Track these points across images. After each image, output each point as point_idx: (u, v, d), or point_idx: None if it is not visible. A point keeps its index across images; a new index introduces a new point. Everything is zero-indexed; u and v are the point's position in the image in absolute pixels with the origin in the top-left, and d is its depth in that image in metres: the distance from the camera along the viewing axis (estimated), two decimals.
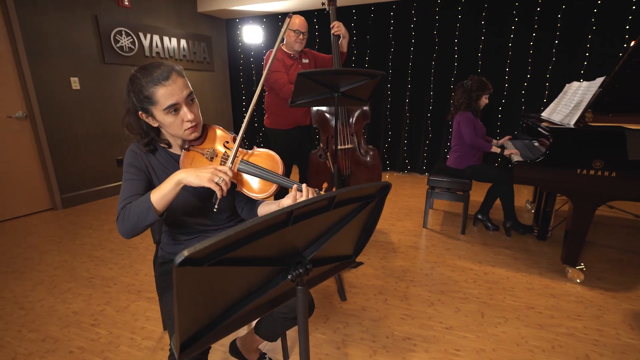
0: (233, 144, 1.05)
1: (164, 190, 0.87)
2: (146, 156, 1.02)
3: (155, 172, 1.03)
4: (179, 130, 0.97)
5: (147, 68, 0.92)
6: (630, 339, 1.50)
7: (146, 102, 0.91)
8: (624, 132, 1.65)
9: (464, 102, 2.46)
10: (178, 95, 0.92)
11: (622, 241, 2.46)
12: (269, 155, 1.06)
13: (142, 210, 0.87)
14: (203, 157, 1.02)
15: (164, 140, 1.04)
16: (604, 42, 3.34)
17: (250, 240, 0.52)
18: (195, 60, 4.33)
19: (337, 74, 1.59)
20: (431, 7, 3.81)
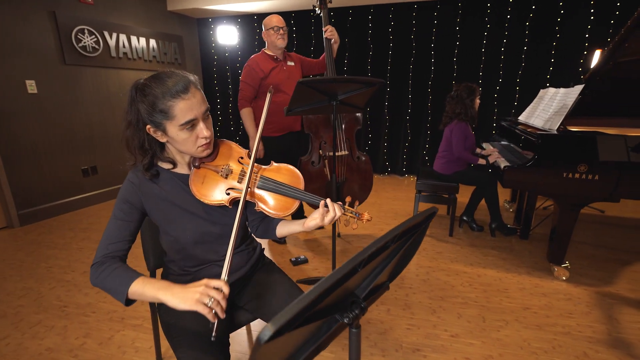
0: (248, 159, 0.97)
1: (144, 295, 0.80)
2: (146, 185, 0.90)
3: (158, 203, 0.91)
4: (192, 148, 0.87)
5: (160, 77, 0.81)
6: (619, 334, 1.59)
7: (160, 115, 0.81)
8: (604, 137, 1.75)
9: (462, 111, 2.48)
10: (197, 110, 0.83)
11: (592, 237, 2.64)
12: (289, 170, 0.99)
13: (115, 289, 0.82)
14: (217, 174, 0.93)
15: (168, 159, 0.93)
16: (566, 50, 3.57)
17: (324, 298, 0.45)
18: (166, 61, 4.08)
19: (337, 82, 1.54)
20: (408, 12, 3.88)
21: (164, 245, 1.01)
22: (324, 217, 0.93)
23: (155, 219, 0.93)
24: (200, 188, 0.91)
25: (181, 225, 0.93)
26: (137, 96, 0.82)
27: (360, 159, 2.44)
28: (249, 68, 2.21)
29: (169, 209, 0.92)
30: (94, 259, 0.85)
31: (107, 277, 0.82)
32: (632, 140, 1.75)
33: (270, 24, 2.19)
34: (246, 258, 1.08)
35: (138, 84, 0.83)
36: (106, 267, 0.83)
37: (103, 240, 0.87)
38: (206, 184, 0.92)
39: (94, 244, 2.56)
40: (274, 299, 1.04)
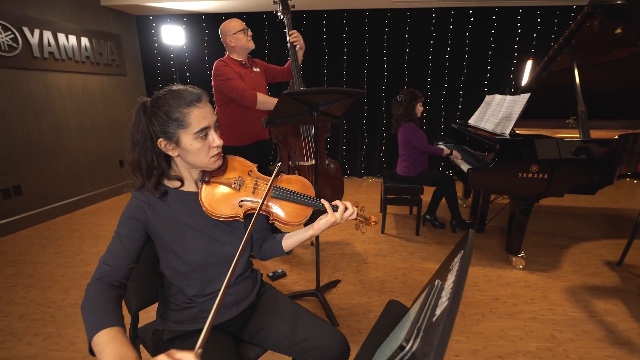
0: (257, 172, 0.97)
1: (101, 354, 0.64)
2: (156, 204, 0.87)
3: (167, 223, 0.86)
4: (205, 158, 0.86)
5: (173, 91, 0.83)
6: (574, 313, 1.82)
7: (175, 124, 0.81)
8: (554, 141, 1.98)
9: (403, 113, 2.65)
10: (210, 119, 0.85)
11: (535, 225, 2.98)
12: (299, 179, 1.00)
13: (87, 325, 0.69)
14: (230, 187, 0.90)
15: (175, 177, 0.89)
16: (500, 60, 3.99)
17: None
18: (101, 63, 3.63)
19: (321, 93, 1.51)
20: (361, 19, 3.98)
21: (168, 272, 0.92)
22: (335, 214, 0.93)
23: (162, 241, 0.87)
24: (212, 202, 0.88)
25: (192, 244, 0.88)
26: (149, 109, 0.82)
27: (330, 166, 2.44)
28: (225, 67, 2.05)
29: (179, 229, 0.88)
30: (94, 275, 0.78)
31: (85, 305, 0.72)
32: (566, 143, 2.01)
33: (237, 28, 2.08)
34: (252, 285, 1.03)
35: (146, 101, 0.84)
36: (97, 290, 0.74)
37: (103, 257, 0.80)
38: (218, 198, 0.89)
39: (27, 280, 2.17)
40: (284, 326, 0.98)
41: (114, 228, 0.86)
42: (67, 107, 3.30)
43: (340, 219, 0.93)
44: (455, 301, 0.44)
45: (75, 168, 3.42)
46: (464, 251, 0.58)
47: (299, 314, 1.00)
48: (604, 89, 2.67)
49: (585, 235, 2.80)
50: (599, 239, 2.73)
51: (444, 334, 0.39)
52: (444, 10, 3.89)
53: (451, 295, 0.45)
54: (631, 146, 2.18)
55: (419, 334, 0.46)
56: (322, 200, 0.95)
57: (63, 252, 2.54)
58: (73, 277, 2.19)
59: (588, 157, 1.97)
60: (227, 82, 2.02)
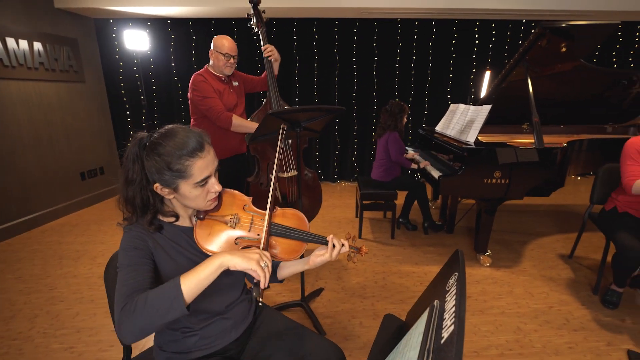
0: (252, 206, 0.96)
1: (200, 275, 0.73)
2: (152, 235, 0.84)
3: (166, 251, 0.85)
4: (202, 202, 0.85)
5: (171, 135, 0.79)
6: (536, 305, 2.01)
7: (175, 175, 0.78)
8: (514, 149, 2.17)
9: (392, 123, 2.76)
10: (211, 168, 0.83)
11: (496, 224, 3.22)
12: (295, 213, 1.01)
13: (165, 300, 0.69)
14: (225, 225, 0.90)
15: (169, 213, 0.87)
16: (460, 69, 4.27)
17: None
18: (57, 69, 3.39)
19: (304, 111, 1.55)
20: (330, 28, 4.06)
21: None
22: (332, 252, 0.96)
23: (162, 269, 0.85)
24: (207, 240, 0.87)
25: None
26: (145, 154, 0.79)
27: (308, 176, 2.48)
28: (203, 83, 2.00)
29: (177, 260, 0.87)
30: (117, 306, 0.70)
31: (145, 303, 0.68)
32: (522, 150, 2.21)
33: (222, 49, 2.02)
34: (248, 307, 1.05)
35: (144, 140, 0.80)
36: (138, 299, 0.69)
37: (119, 293, 0.72)
38: (213, 235, 0.88)
39: None
40: (284, 344, 1.00)
41: (79, 246, 0.84)
42: (19, 117, 3.05)
43: (334, 258, 0.95)
44: (461, 325, 0.50)
45: (30, 182, 3.17)
46: (458, 274, 0.65)
47: (297, 331, 1.03)
48: (557, 99, 2.97)
49: (541, 231, 3.07)
50: (553, 234, 3.01)
51: (457, 357, 0.45)
52: (408, 22, 4.08)
53: (456, 320, 0.52)
54: (577, 150, 2.44)
55: (429, 355, 0.52)
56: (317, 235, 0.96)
57: (23, 276, 2.35)
58: (38, 304, 2.04)
59: (543, 162, 2.18)
60: (204, 100, 1.99)
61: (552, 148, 2.17)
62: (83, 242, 2.82)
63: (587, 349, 1.66)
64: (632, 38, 4.25)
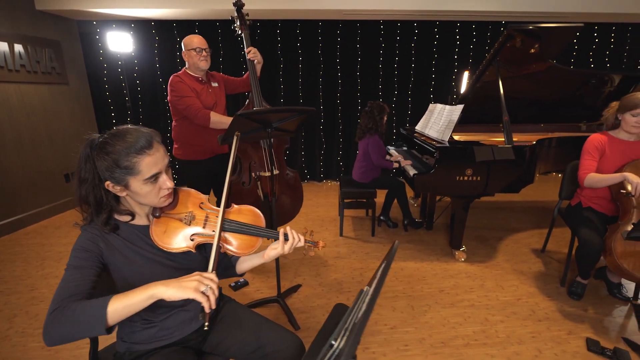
0: (209, 204, 1.00)
1: (129, 301, 0.73)
2: (109, 235, 0.87)
3: (121, 252, 0.88)
4: (155, 199, 0.89)
5: (120, 134, 0.82)
6: (505, 297, 2.08)
7: (123, 172, 0.81)
8: (484, 147, 2.25)
9: (372, 126, 2.80)
10: (161, 164, 0.86)
11: (474, 220, 3.31)
12: (250, 210, 1.05)
13: (89, 317, 0.71)
14: (180, 222, 0.94)
15: (125, 211, 0.91)
16: (442, 69, 4.35)
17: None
18: (39, 71, 3.39)
19: (274, 112, 1.60)
20: (313, 29, 4.12)
21: None
22: (284, 246, 1.00)
23: (117, 270, 0.89)
24: (163, 237, 0.92)
25: (147, 274, 0.91)
26: (94, 154, 0.82)
27: (289, 176, 2.53)
28: (180, 84, 2.05)
29: (133, 259, 0.90)
30: (51, 307, 0.73)
31: (72, 313, 0.71)
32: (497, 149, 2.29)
33: (192, 45, 2.09)
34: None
35: (94, 141, 0.83)
36: (68, 307, 0.72)
37: (58, 292, 0.76)
38: (169, 233, 0.93)
39: None
40: (244, 335, 1.05)
41: (62, 247, 0.87)
42: (0, 119, 3.05)
43: (288, 251, 1.00)
44: (371, 305, 0.56)
45: (13, 185, 3.17)
46: (386, 262, 0.71)
47: (257, 322, 1.08)
48: (534, 98, 3.06)
49: (517, 227, 3.16)
50: (528, 229, 3.10)
51: (357, 332, 0.50)
52: (391, 23, 4.15)
53: (368, 300, 0.57)
54: (547, 148, 2.53)
55: (345, 333, 0.57)
56: (272, 230, 1.00)
57: (5, 277, 2.37)
58: (18, 304, 2.06)
59: (512, 160, 2.26)
60: (181, 100, 2.03)
61: (521, 146, 2.25)
62: (66, 243, 2.84)
63: (548, 338, 1.74)
64: (607, 40, 4.37)
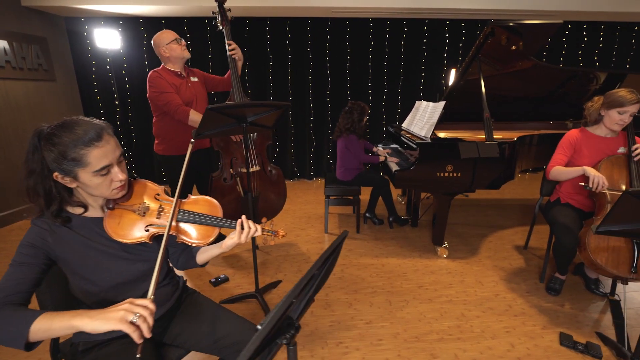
0: (165, 195, 1.00)
1: (53, 326, 0.72)
2: (59, 230, 0.86)
3: (72, 247, 0.87)
4: (106, 191, 0.88)
5: (68, 126, 0.81)
6: (483, 293, 2.09)
7: (71, 163, 0.80)
8: (465, 143, 2.25)
9: (349, 127, 2.79)
10: (111, 156, 0.85)
11: (461, 217, 3.32)
12: (207, 201, 1.05)
13: (12, 328, 0.71)
14: (134, 213, 0.94)
15: (79, 203, 0.90)
16: (432, 67, 4.36)
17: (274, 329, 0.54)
18: (25, 68, 3.38)
19: (246, 107, 1.60)
20: (303, 27, 4.11)
21: (77, 292, 0.95)
22: (240, 235, 1.00)
23: (69, 265, 0.89)
24: (117, 229, 0.91)
25: (101, 268, 0.91)
26: (42, 144, 0.81)
27: (272, 172, 2.53)
28: (159, 79, 2.05)
29: (86, 253, 0.89)
30: None
31: (1, 319, 0.72)
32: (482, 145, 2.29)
33: (169, 38, 2.09)
34: (171, 291, 1.10)
35: (42, 132, 0.81)
36: (2, 310, 0.73)
37: None
38: (123, 224, 0.92)
39: None
40: (202, 326, 1.06)
41: None
42: None
43: (245, 240, 0.99)
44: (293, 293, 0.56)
45: None
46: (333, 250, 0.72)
47: (218, 314, 1.08)
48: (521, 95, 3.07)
49: (503, 224, 3.17)
50: (513, 226, 3.11)
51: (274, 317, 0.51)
52: (380, 21, 4.15)
53: (294, 288, 0.58)
54: (528, 146, 2.53)
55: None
56: (228, 220, 1.00)
57: None
58: None
59: (493, 157, 2.26)
60: (160, 96, 2.03)
61: (501, 143, 2.26)
62: None
63: (522, 333, 1.74)
64: (596, 38, 4.39)
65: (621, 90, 1.83)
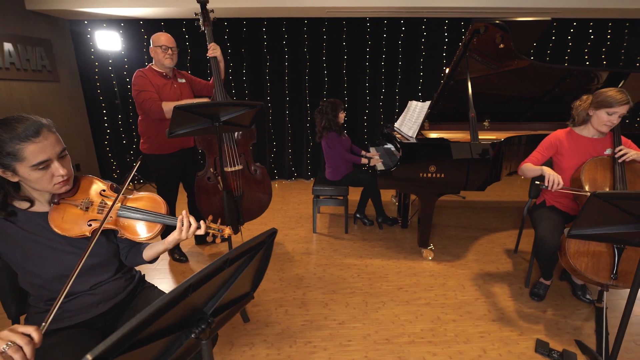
0: (110, 191, 1.03)
1: None
2: (2, 224, 0.90)
3: (14, 240, 0.91)
4: (48, 185, 0.90)
5: (8, 123, 0.84)
6: (463, 297, 2.05)
7: (8, 158, 0.83)
8: (447, 144, 2.21)
9: (326, 125, 2.78)
10: (50, 152, 0.87)
11: (454, 219, 3.26)
12: (150, 197, 1.08)
13: None
14: (77, 208, 0.97)
15: (24, 197, 0.93)
16: (430, 66, 4.30)
17: (152, 322, 0.55)
18: (29, 69, 3.51)
19: (215, 106, 1.61)
20: (299, 27, 4.13)
21: (25, 285, 1.00)
22: (181, 231, 1.01)
23: (13, 259, 0.93)
24: (61, 223, 0.94)
25: (46, 261, 0.94)
26: None
27: (256, 172, 2.55)
28: (141, 78, 2.11)
29: (31, 247, 0.93)
30: None
31: None
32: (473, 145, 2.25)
33: (158, 42, 2.13)
34: (123, 285, 1.12)
35: None
36: None
37: None
38: (66, 219, 0.95)
39: None
40: None
41: None
42: None
43: (185, 236, 1.01)
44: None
45: None
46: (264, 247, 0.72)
47: None
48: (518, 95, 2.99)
49: (498, 226, 3.10)
50: (507, 229, 3.04)
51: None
52: (377, 21, 4.12)
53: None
54: (516, 147, 2.47)
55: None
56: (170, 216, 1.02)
57: None
58: None
59: (477, 158, 2.22)
60: (139, 94, 2.08)
61: (486, 143, 2.21)
62: None
63: (497, 338, 1.70)
64: (604, 36, 4.23)
65: (610, 90, 1.77)
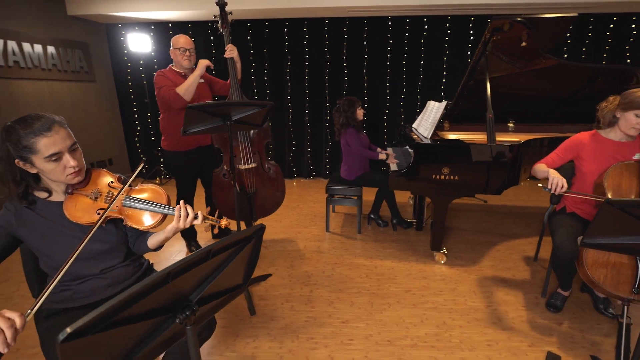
0: (118, 183, 1.12)
1: None
2: (24, 212, 1.01)
3: (34, 227, 1.01)
4: (61, 176, 0.99)
5: (25, 120, 0.93)
6: (474, 303, 1.99)
7: (25, 151, 0.93)
8: (461, 145, 2.15)
9: (344, 122, 2.80)
10: (61, 145, 0.96)
11: (473, 224, 3.16)
12: (152, 189, 1.15)
13: None
14: (87, 198, 1.06)
15: (43, 188, 1.04)
16: (453, 66, 4.18)
17: (132, 304, 0.59)
18: (69, 70, 3.80)
19: (223, 106, 1.68)
20: (320, 27, 4.15)
21: (44, 267, 1.11)
22: (178, 221, 1.07)
23: (33, 244, 1.03)
24: (73, 211, 1.04)
25: (60, 246, 1.04)
26: (5, 136, 0.94)
27: (270, 170, 2.60)
28: (159, 77, 2.23)
29: (48, 232, 1.03)
30: None
31: None
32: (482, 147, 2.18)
33: (177, 45, 2.25)
34: (132, 271, 1.20)
35: (5, 126, 0.96)
36: None
37: None
38: (78, 207, 1.05)
39: None
40: None
41: None
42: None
43: (183, 225, 1.07)
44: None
45: None
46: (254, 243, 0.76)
47: None
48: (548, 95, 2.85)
49: (518, 232, 2.97)
50: (528, 236, 2.90)
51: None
52: (399, 19, 4.06)
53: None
54: (538, 148, 2.35)
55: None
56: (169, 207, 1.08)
57: None
58: None
59: (493, 160, 2.14)
60: (159, 91, 2.19)
61: (503, 146, 2.13)
62: None
63: (505, 348, 1.64)
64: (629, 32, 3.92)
65: (638, 90, 1.65)
